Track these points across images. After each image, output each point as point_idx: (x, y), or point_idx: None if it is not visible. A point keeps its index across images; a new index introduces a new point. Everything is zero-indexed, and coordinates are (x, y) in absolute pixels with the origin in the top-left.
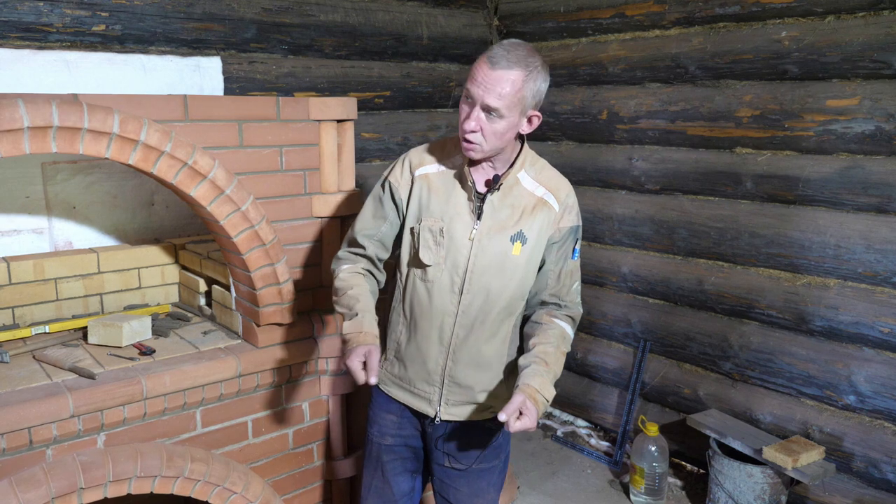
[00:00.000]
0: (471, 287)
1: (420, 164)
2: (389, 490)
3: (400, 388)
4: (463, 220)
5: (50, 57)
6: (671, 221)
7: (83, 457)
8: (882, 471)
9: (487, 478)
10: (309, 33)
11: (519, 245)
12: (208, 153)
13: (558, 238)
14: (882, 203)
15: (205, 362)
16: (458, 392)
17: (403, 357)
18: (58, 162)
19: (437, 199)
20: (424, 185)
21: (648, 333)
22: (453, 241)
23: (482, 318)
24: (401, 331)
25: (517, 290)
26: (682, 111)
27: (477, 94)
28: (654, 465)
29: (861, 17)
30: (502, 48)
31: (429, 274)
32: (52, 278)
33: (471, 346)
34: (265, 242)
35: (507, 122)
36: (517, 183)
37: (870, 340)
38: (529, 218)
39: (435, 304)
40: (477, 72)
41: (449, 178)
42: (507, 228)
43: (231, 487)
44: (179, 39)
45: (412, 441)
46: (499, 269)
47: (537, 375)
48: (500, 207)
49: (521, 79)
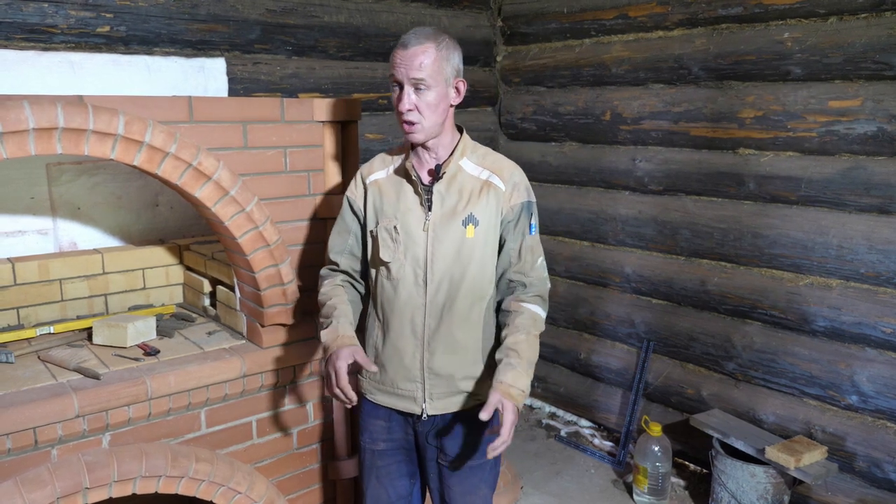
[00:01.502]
0: (433, 276)
1: (369, 172)
2: (386, 495)
3: (383, 392)
4: (415, 213)
5: (55, 58)
6: (674, 222)
7: (88, 457)
8: (884, 470)
9: (479, 474)
10: (313, 34)
11: (472, 227)
12: (213, 154)
13: (512, 216)
14: (884, 204)
15: (209, 363)
16: (440, 383)
17: (382, 359)
18: (62, 163)
19: (389, 200)
20: (376, 191)
21: (652, 334)
22: (409, 236)
23: (450, 305)
24: (377, 334)
25: (478, 272)
26: (685, 112)
27: (400, 74)
28: (657, 464)
29: (863, 19)
30: (409, 33)
31: (392, 271)
32: (57, 279)
33: (443, 333)
34: (269, 243)
35: (435, 92)
36: (460, 170)
37: (872, 341)
38: (478, 201)
39: (403, 299)
40: (394, 58)
41: (396, 179)
42: (458, 214)
43: (235, 487)
44: (184, 41)
45: (404, 444)
46: (456, 254)
47: (509, 369)
48: (448, 195)
49: (433, 49)
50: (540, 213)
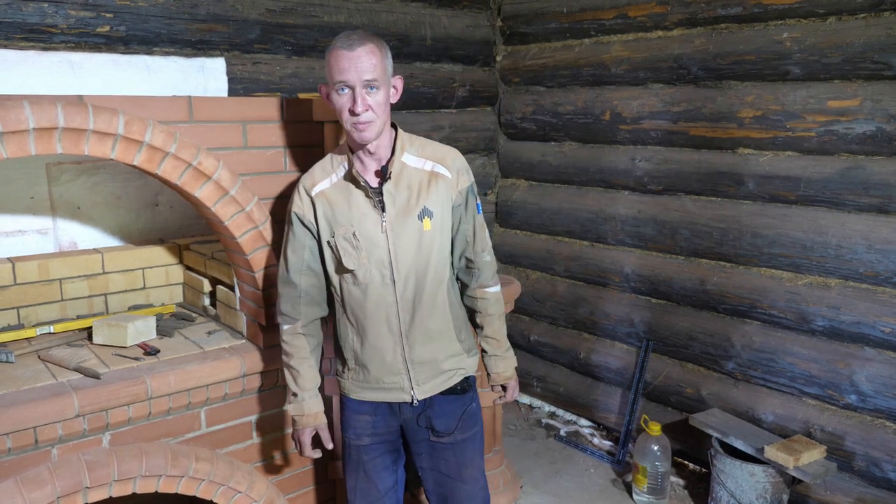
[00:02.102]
0: (399, 274)
1: (313, 185)
2: (374, 488)
3: (369, 389)
4: (370, 217)
5: (55, 58)
6: (673, 222)
7: (88, 456)
8: (883, 470)
9: (471, 446)
10: (313, 34)
11: (428, 220)
12: (213, 154)
13: (461, 200)
14: (883, 203)
15: (209, 362)
16: (424, 370)
17: (363, 361)
18: (62, 163)
19: (340, 209)
20: (324, 202)
21: (651, 333)
22: (369, 240)
23: (419, 297)
24: (353, 339)
25: (438, 259)
26: (684, 112)
27: (352, 77)
28: (656, 464)
29: (862, 19)
30: (345, 36)
31: (359, 277)
32: (57, 279)
33: (418, 325)
34: (269, 243)
35: (383, 91)
36: (404, 166)
37: (871, 340)
38: (428, 193)
39: (374, 300)
40: (340, 61)
41: (343, 187)
42: (412, 209)
43: (235, 487)
44: (184, 40)
45: (389, 436)
46: (417, 249)
47: (499, 361)
48: (398, 193)
49: (377, 48)
50: (539, 213)
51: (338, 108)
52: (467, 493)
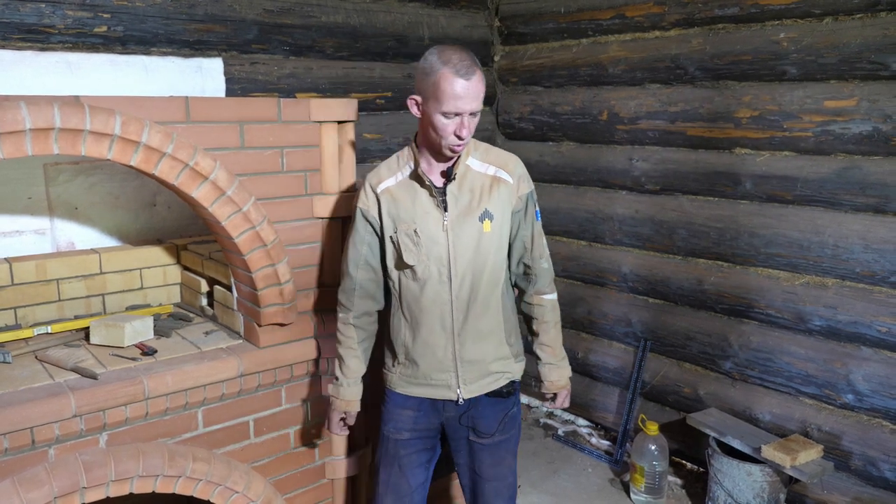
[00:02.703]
0: (457, 273)
1: (379, 181)
2: (406, 483)
3: (416, 384)
4: (432, 216)
5: (52, 58)
6: (671, 221)
7: (85, 456)
8: (880, 469)
9: (506, 446)
10: (310, 34)
11: (488, 223)
12: (210, 154)
13: (521, 206)
14: (880, 203)
15: (206, 362)
16: (472, 369)
17: (413, 356)
18: (60, 163)
19: (404, 206)
20: (389, 198)
21: (649, 333)
22: (429, 237)
23: (474, 297)
24: (405, 333)
25: (495, 262)
26: (681, 112)
27: (464, 106)
28: (654, 463)
29: (858, 19)
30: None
31: (417, 273)
32: (55, 279)
33: (471, 324)
34: (266, 243)
35: (479, 114)
36: (469, 169)
37: (868, 339)
38: (489, 196)
39: (430, 297)
40: (454, 88)
41: (408, 185)
42: (474, 211)
43: (233, 487)
44: (181, 41)
45: (428, 433)
46: (476, 249)
47: (553, 369)
48: (461, 195)
49: (482, 78)
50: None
51: (439, 126)
52: (496, 489)
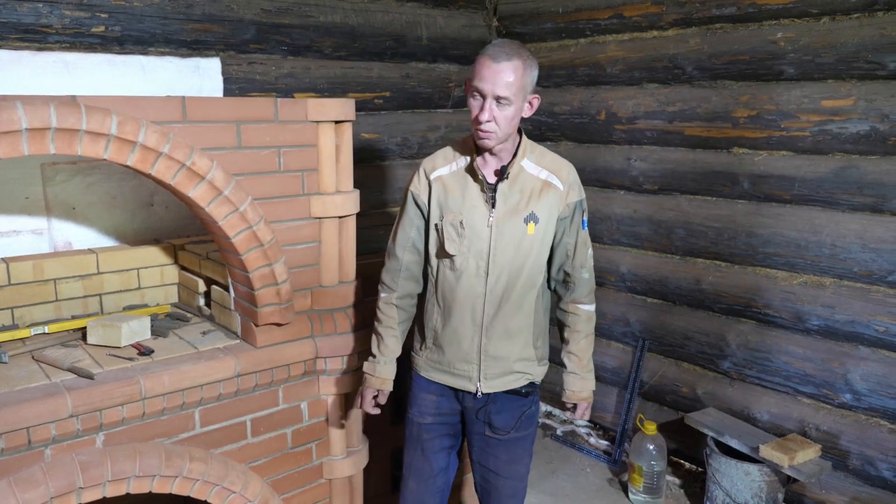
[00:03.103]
0: (494, 269)
1: (433, 169)
2: (429, 466)
3: (440, 371)
4: (479, 210)
5: (49, 58)
6: (669, 221)
7: (82, 456)
8: (878, 468)
9: (522, 444)
10: (308, 34)
11: (532, 225)
12: (206, 154)
13: (568, 213)
14: (877, 203)
15: (203, 362)
16: (495, 365)
17: (441, 342)
18: (57, 163)
19: (454, 196)
20: (441, 187)
21: (647, 332)
22: (473, 231)
23: (508, 295)
24: (436, 319)
25: (534, 265)
26: (679, 111)
27: (487, 88)
28: (652, 463)
29: (855, 19)
30: (498, 46)
31: (456, 263)
32: (52, 279)
33: (500, 321)
34: (263, 243)
35: (514, 107)
36: (522, 170)
37: (865, 339)
38: (538, 199)
39: (464, 288)
40: (482, 69)
41: (461, 177)
42: (520, 211)
43: (230, 487)
44: (179, 40)
45: (450, 419)
46: (517, 249)
47: (576, 380)
48: (511, 194)
49: (521, 67)
50: None
51: (469, 107)
52: (510, 487)
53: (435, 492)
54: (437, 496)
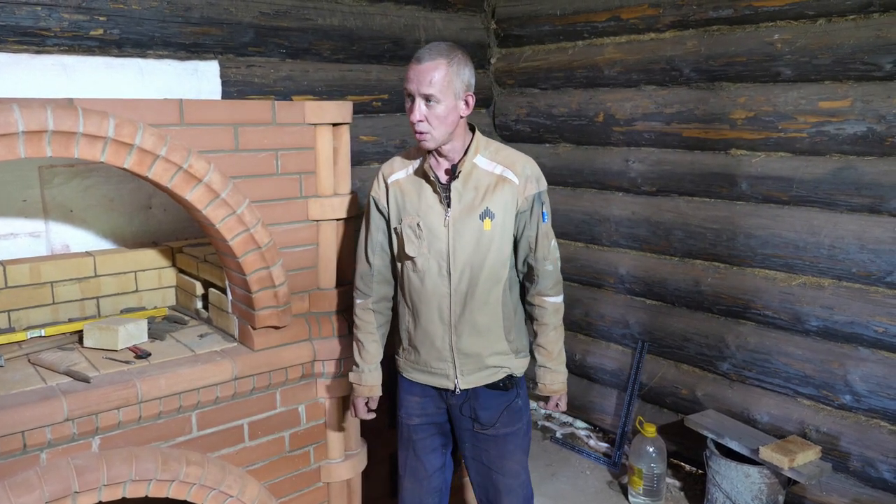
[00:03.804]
0: (456, 267)
1: (390, 173)
2: (422, 467)
3: (418, 371)
4: (435, 211)
5: (47, 61)
6: (667, 223)
7: (77, 460)
8: (878, 470)
9: (513, 440)
10: (307, 37)
11: (489, 221)
12: (204, 157)
13: (526, 207)
14: (875, 203)
15: (200, 365)
16: (469, 361)
17: (415, 343)
18: (55, 165)
19: (410, 199)
20: (398, 190)
21: (646, 334)
22: (431, 231)
23: (472, 292)
24: (408, 320)
25: (496, 260)
26: (677, 113)
27: (412, 88)
28: (652, 465)
29: (851, 20)
30: (425, 48)
31: (418, 264)
32: (49, 282)
33: (468, 318)
34: (260, 246)
35: (444, 105)
36: (475, 167)
37: (865, 340)
38: (492, 195)
39: (429, 289)
40: (409, 71)
41: (416, 180)
42: (476, 208)
43: (227, 491)
44: (177, 43)
45: (437, 418)
46: (475, 246)
47: (546, 373)
48: (465, 192)
49: (444, 65)
50: None
51: (406, 112)
52: (506, 485)
53: (432, 491)
54: (435, 496)
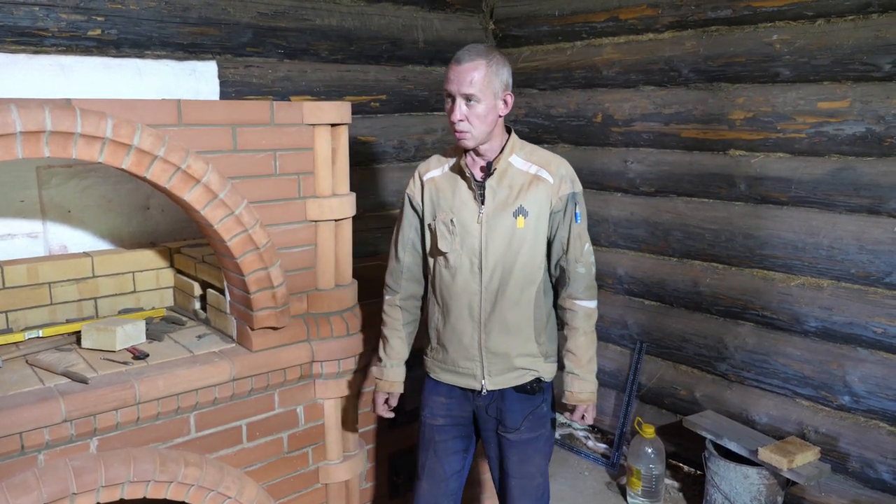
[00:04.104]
0: (487, 264)
1: (426, 171)
2: (441, 469)
3: (445, 370)
4: (469, 207)
5: (45, 61)
6: (666, 223)
7: (75, 462)
8: (877, 471)
9: (535, 445)
10: (305, 37)
11: (522, 219)
12: (202, 157)
13: (560, 206)
14: (874, 204)
15: (198, 366)
16: (497, 361)
17: (443, 340)
18: (53, 166)
19: (445, 196)
20: (433, 187)
21: (644, 335)
22: (464, 228)
23: (503, 290)
24: (437, 317)
25: (528, 259)
26: (675, 114)
27: (453, 88)
28: (650, 467)
29: (850, 21)
30: (464, 50)
31: (450, 261)
32: (46, 282)
33: (498, 316)
34: (259, 246)
35: (484, 104)
36: (510, 166)
37: (863, 341)
38: (527, 193)
39: (460, 285)
40: (449, 73)
41: (451, 177)
42: (509, 206)
43: (225, 492)
44: (175, 44)
45: (461, 420)
46: (508, 244)
47: (575, 380)
48: (499, 189)
49: (484, 66)
50: None
51: (446, 112)
52: (522, 488)
53: (448, 494)
54: (451, 498)
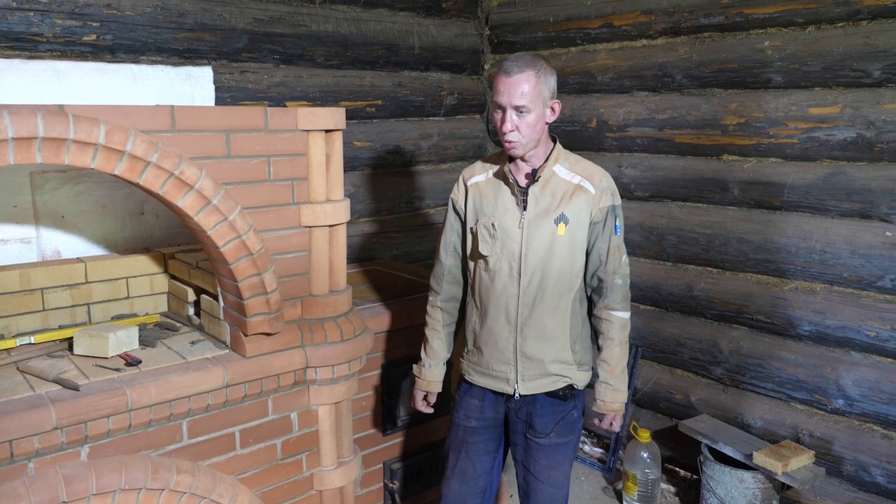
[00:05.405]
0: (527, 269)
1: (471, 176)
2: (472, 469)
3: (480, 373)
4: (511, 213)
5: (40, 66)
6: (660, 228)
7: (66, 470)
8: (871, 474)
9: (563, 451)
10: (300, 43)
11: (563, 226)
12: (195, 163)
13: (600, 218)
14: (865, 208)
15: (191, 373)
16: (531, 366)
17: (480, 343)
18: (46, 171)
19: (488, 200)
20: (476, 192)
21: (640, 339)
22: (506, 232)
23: (541, 295)
24: (475, 320)
25: (567, 266)
26: (669, 119)
27: (504, 100)
28: (646, 471)
29: (840, 28)
30: (511, 60)
31: (490, 264)
32: (39, 288)
33: (535, 321)
34: (252, 252)
35: (534, 114)
36: (554, 175)
37: (856, 344)
38: (569, 202)
39: (499, 289)
40: (498, 84)
41: (495, 182)
42: (550, 213)
43: (218, 499)
44: (170, 49)
45: (494, 422)
46: (548, 250)
47: (607, 390)
48: (542, 196)
49: (533, 76)
50: None
51: (494, 119)
52: (549, 495)
53: (477, 492)
54: (479, 497)
